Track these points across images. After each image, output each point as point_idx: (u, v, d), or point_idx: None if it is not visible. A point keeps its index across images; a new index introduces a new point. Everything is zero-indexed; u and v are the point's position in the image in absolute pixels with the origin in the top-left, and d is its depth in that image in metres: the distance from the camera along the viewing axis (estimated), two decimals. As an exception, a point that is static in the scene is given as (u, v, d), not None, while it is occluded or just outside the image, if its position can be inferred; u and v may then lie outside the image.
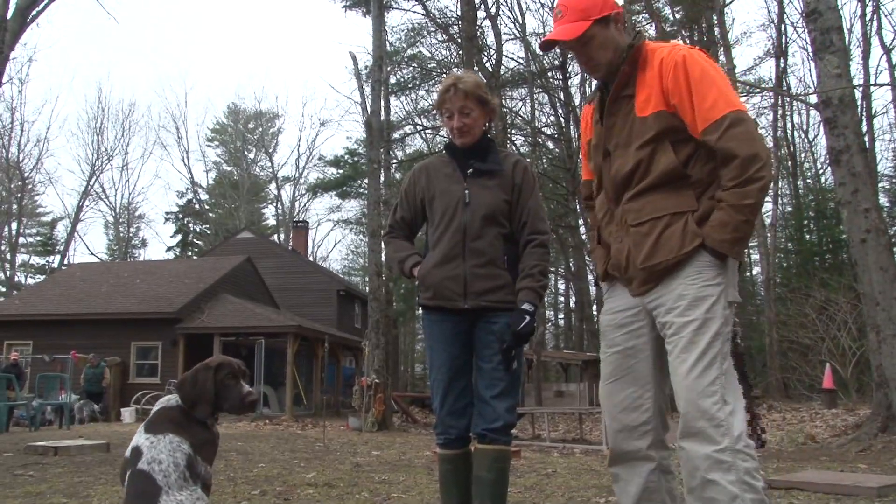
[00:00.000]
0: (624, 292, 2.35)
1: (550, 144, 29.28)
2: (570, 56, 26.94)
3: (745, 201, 2.06)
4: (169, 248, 45.01)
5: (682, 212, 2.17)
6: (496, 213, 2.89)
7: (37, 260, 45.25)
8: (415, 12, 25.20)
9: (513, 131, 26.82)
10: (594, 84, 2.59)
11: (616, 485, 2.38)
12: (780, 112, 26.83)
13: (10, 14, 12.52)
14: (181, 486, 2.28)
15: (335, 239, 62.01)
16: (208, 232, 46.36)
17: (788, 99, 26.22)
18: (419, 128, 27.48)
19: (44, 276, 37.68)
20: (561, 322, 41.54)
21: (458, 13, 22.52)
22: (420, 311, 3.06)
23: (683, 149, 2.19)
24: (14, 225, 42.56)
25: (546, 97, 27.95)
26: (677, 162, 2.18)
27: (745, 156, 2.06)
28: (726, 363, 2.11)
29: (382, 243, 2.86)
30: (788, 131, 28.68)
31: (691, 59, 2.16)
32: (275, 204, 50.53)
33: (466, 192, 2.92)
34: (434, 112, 26.04)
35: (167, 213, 46.13)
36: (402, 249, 3.11)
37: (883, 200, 25.37)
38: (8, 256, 42.74)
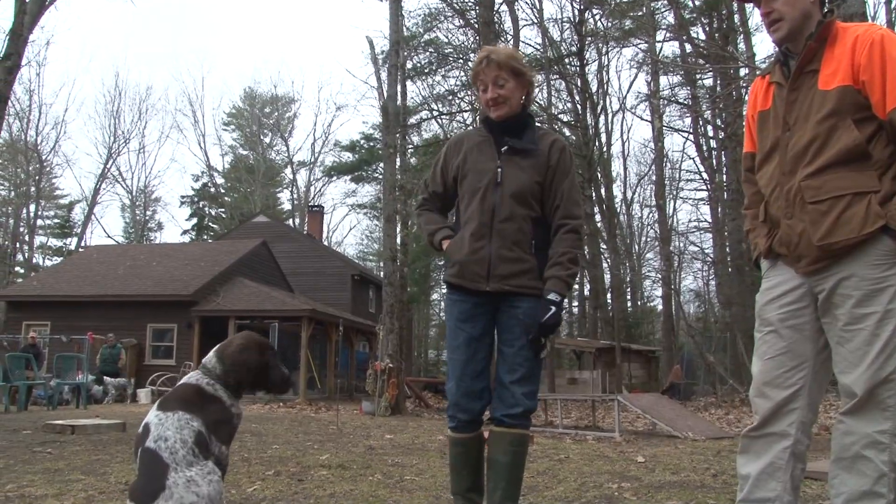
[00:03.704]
0: (787, 271, 2.31)
1: (567, 131, 29.09)
2: (587, 42, 26.83)
3: None
4: (184, 232, 45.52)
5: (865, 192, 2.10)
6: (527, 194, 2.78)
7: (54, 242, 45.78)
8: (432, -3, 25.06)
9: (529, 118, 26.59)
10: (773, 48, 2.51)
11: (743, 455, 2.35)
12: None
13: (29, -4, 12.55)
14: (190, 463, 2.23)
15: (350, 224, 62.36)
16: (224, 216, 46.64)
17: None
18: (435, 113, 27.35)
19: (61, 259, 38.03)
20: (575, 309, 41.47)
21: (476, -2, 22.36)
22: (444, 290, 3.01)
23: (866, 127, 2.12)
24: (32, 207, 43.03)
25: (563, 83, 27.77)
26: (861, 139, 2.11)
27: None
28: None
29: (415, 215, 2.85)
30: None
31: (890, 39, 2.11)
32: (290, 188, 50.78)
33: (500, 170, 2.81)
34: (450, 97, 26.02)
35: (183, 197, 46.62)
36: (432, 222, 3.02)
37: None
38: (26, 238, 43.22)
